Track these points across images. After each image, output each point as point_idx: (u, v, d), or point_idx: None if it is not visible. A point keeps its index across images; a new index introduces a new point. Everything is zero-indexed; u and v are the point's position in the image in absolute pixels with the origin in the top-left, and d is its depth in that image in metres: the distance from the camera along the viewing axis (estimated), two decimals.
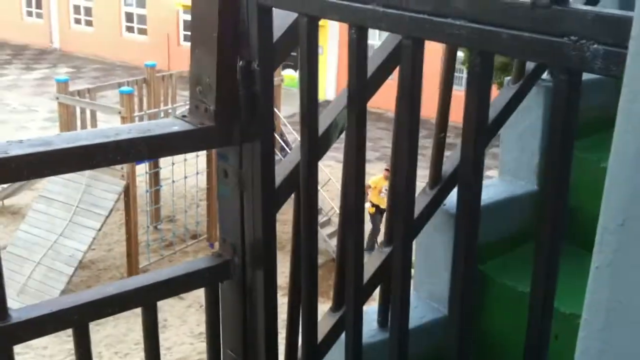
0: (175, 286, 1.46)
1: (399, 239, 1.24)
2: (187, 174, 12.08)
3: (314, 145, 1.35)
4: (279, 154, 12.83)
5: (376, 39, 10.54)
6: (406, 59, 1.06)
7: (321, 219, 12.24)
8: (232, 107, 1.39)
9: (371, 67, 1.53)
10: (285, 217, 3.35)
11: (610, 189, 0.63)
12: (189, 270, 1.49)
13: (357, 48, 1.14)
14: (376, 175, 12.18)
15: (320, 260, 11.13)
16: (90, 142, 1.24)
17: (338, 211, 1.81)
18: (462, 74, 13.71)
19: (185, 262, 1.55)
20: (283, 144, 13.13)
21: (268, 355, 1.53)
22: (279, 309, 1.54)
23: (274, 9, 1.32)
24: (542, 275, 1.00)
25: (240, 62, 1.36)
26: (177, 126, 1.37)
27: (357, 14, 1.10)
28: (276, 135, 12.98)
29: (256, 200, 1.45)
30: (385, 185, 10.84)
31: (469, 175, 1.07)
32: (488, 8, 0.90)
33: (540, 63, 1.77)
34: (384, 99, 1.34)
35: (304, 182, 1.39)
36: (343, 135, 1.44)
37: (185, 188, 12.44)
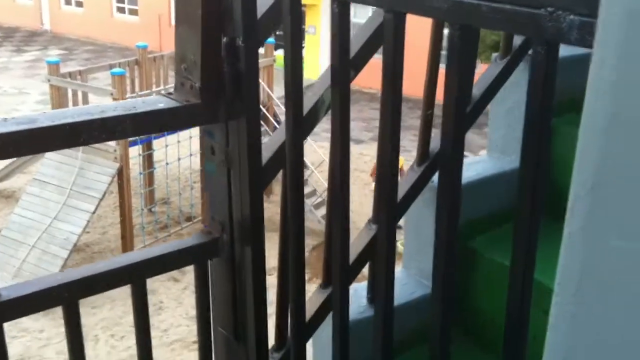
0: (164, 263, 1.47)
1: (383, 217, 1.25)
2: (181, 155, 12.06)
3: (299, 124, 1.36)
4: (271, 134, 12.81)
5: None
6: (388, 33, 1.07)
7: (315, 200, 12.26)
8: (217, 84, 1.39)
9: (356, 43, 1.53)
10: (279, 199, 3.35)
11: (581, 154, 0.64)
12: (178, 248, 1.50)
13: (339, 22, 1.14)
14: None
15: (316, 241, 11.15)
16: (75, 120, 1.24)
17: None
18: None
19: (175, 240, 1.56)
20: (276, 124, 13.08)
21: (258, 331, 1.55)
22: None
23: None
24: (522, 249, 1.01)
25: (225, 39, 1.36)
26: (162, 103, 1.37)
27: None
28: (269, 116, 12.94)
29: (243, 178, 1.46)
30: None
31: (449, 151, 1.08)
32: None
33: (520, 35, 1.77)
34: (378, 80, 1.35)
35: (290, 159, 1.39)
36: None
37: (179, 170, 12.43)
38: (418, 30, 2.78)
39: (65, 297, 1.34)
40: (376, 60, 1.66)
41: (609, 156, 0.61)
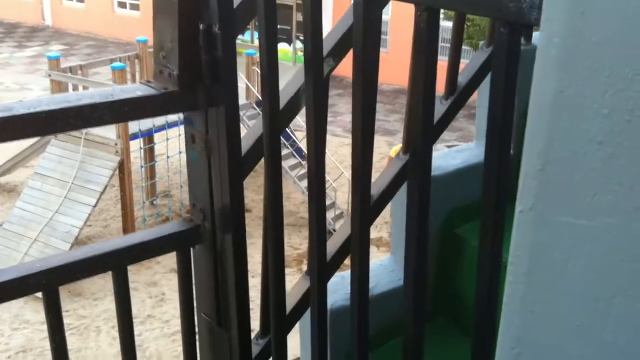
0: (145, 250, 1.48)
1: (356, 215, 1.25)
2: (182, 149, 12.07)
3: (276, 113, 1.36)
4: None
5: None
6: (358, 17, 1.06)
7: (299, 171, 12.15)
8: (195, 72, 1.39)
9: (337, 32, 1.53)
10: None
11: (530, 134, 0.64)
12: (160, 235, 1.50)
13: (310, 14, 1.14)
14: (397, 145, 12.07)
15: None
16: (52, 108, 1.25)
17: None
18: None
19: (157, 227, 1.56)
20: None
21: (240, 317, 1.55)
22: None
23: None
24: (489, 232, 1.01)
25: (201, 26, 1.36)
26: (140, 91, 1.37)
27: None
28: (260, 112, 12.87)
29: (223, 166, 1.46)
30: None
31: (418, 137, 1.07)
32: None
33: (484, 17, 1.76)
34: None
35: (268, 149, 1.39)
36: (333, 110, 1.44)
37: (180, 163, 12.44)
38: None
39: (44, 284, 1.35)
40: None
41: (556, 135, 0.61)
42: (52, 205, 10.89)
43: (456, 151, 2.07)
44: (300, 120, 1.91)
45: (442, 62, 2.07)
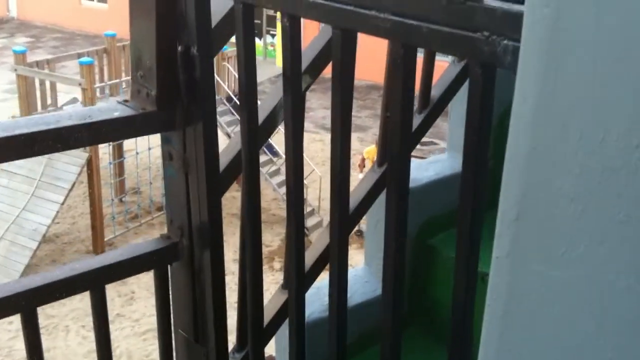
0: (123, 269, 1.48)
1: (334, 229, 1.28)
2: (152, 145, 11.96)
3: (254, 131, 1.37)
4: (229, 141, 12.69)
5: None
6: (336, 49, 1.09)
7: (270, 168, 12.14)
8: (173, 92, 1.40)
9: (312, 50, 1.55)
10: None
11: (505, 185, 0.67)
12: (137, 253, 1.51)
13: (290, 36, 1.16)
14: (370, 146, 11.97)
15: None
16: (30, 130, 1.25)
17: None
18: None
19: (133, 243, 1.57)
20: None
21: (217, 333, 1.57)
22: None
23: None
24: (465, 246, 1.04)
25: (180, 48, 1.37)
26: (118, 112, 1.37)
27: (289, 3, 1.11)
28: (230, 108, 12.83)
29: (201, 183, 1.47)
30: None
31: (397, 171, 1.10)
32: (409, 2, 0.93)
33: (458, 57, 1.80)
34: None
35: (246, 166, 1.41)
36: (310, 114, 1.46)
37: (150, 159, 12.33)
38: None
39: (23, 305, 1.35)
40: None
41: (530, 188, 0.64)
42: (19, 203, 10.73)
43: (428, 163, 2.11)
44: None
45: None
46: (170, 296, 1.60)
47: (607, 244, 0.59)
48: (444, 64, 2.06)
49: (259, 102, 1.44)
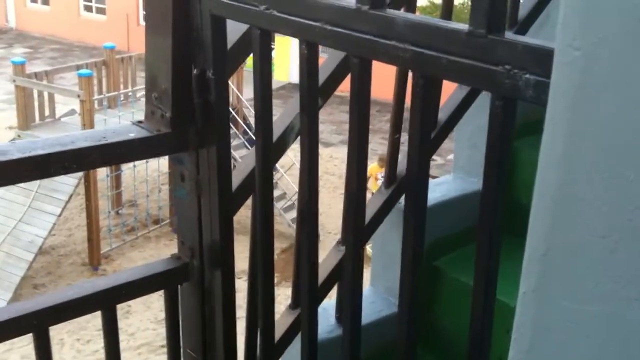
0: (134, 289, 1.49)
1: (350, 244, 1.28)
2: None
3: (269, 152, 1.38)
4: (242, 137, 12.75)
5: None
6: (354, 76, 1.10)
7: (285, 203, 12.26)
8: (188, 114, 1.41)
9: (324, 72, 1.56)
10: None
11: (534, 220, 0.68)
12: (148, 273, 1.51)
13: (307, 63, 1.17)
14: (370, 164, 12.05)
15: (286, 244, 11.14)
16: (46, 152, 1.26)
17: None
18: None
19: (145, 264, 1.57)
20: (246, 127, 13.06)
21: (227, 354, 1.57)
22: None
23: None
24: (483, 271, 1.05)
25: (195, 71, 1.38)
26: (133, 133, 1.38)
27: (306, 31, 1.13)
28: (239, 119, 12.89)
29: (213, 204, 1.48)
30: (380, 172, 10.81)
31: (415, 184, 1.11)
32: (430, 33, 0.94)
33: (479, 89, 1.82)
34: (348, 83, 1.44)
35: (260, 187, 1.42)
36: None
37: (147, 172, 12.33)
38: None
39: (35, 325, 1.35)
40: None
41: (558, 224, 0.65)
42: (16, 214, 10.69)
43: (434, 184, 2.12)
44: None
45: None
46: (180, 316, 1.60)
47: (636, 281, 0.60)
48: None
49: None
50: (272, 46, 1.28)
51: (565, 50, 0.62)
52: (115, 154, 1.35)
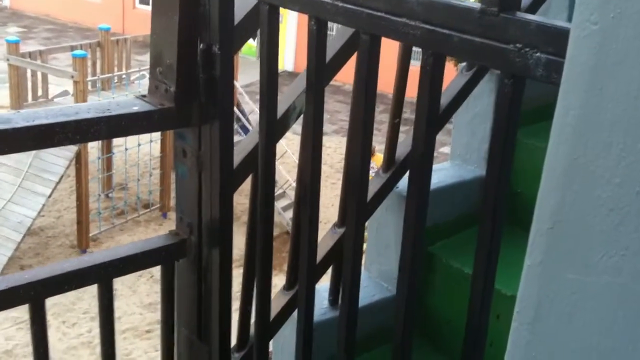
0: (131, 263, 1.49)
1: (351, 221, 1.29)
2: (141, 141, 11.91)
3: (272, 131, 1.38)
4: (234, 124, 12.72)
5: None
6: (363, 53, 1.10)
7: (276, 191, 12.26)
8: (192, 89, 1.41)
9: (329, 52, 1.56)
10: (239, 188, 3.34)
11: (542, 194, 0.69)
12: (146, 248, 1.51)
13: (316, 39, 1.17)
14: None
15: (275, 232, 11.14)
16: (50, 121, 1.25)
17: (294, 184, 1.84)
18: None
19: (143, 240, 1.57)
20: (239, 114, 13.01)
21: (221, 332, 1.58)
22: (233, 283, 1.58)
23: None
24: (483, 257, 1.06)
25: (201, 46, 1.38)
26: (137, 106, 1.38)
27: (316, 7, 1.13)
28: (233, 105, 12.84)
29: (214, 181, 1.48)
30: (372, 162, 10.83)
31: (419, 164, 1.12)
32: (441, 11, 0.94)
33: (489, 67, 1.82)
34: (342, 72, 1.43)
35: (262, 165, 1.42)
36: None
37: (139, 156, 12.27)
38: None
39: (32, 296, 1.35)
40: None
41: (567, 197, 0.66)
42: (5, 194, 10.63)
43: (432, 171, 2.13)
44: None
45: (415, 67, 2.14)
46: (175, 293, 1.60)
47: None
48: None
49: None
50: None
51: (583, 25, 0.63)
52: (119, 126, 1.35)
